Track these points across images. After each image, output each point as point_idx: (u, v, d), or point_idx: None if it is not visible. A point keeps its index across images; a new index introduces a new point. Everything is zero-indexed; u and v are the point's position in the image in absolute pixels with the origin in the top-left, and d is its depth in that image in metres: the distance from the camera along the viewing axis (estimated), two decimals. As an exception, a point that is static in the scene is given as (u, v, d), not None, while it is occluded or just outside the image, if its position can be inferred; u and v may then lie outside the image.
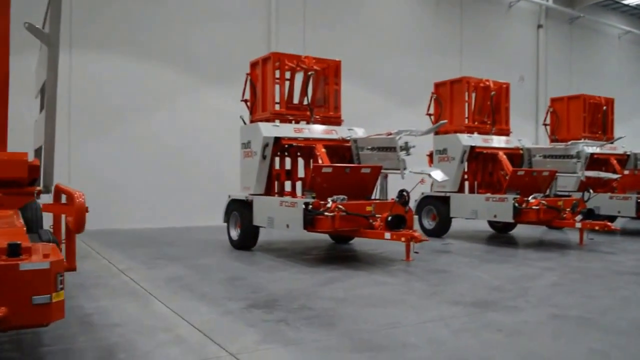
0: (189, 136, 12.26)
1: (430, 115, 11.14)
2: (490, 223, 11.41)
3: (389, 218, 7.01)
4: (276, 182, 8.83)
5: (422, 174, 7.88)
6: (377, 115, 14.42)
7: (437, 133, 11.00)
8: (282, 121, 8.67)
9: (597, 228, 8.85)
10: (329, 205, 7.13)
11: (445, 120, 7.36)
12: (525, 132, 16.58)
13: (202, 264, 7.45)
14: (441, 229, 10.45)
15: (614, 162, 11.94)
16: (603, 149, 12.03)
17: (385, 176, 8.26)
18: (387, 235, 6.97)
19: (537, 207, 8.93)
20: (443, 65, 14.87)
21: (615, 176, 10.28)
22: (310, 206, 7.16)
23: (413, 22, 16.01)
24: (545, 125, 13.00)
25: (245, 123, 8.84)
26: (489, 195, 9.63)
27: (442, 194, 10.36)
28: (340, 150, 8.91)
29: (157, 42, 12.17)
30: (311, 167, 8.22)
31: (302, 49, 13.08)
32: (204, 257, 7.99)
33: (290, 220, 7.37)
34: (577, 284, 6.27)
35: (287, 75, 8.83)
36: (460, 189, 10.51)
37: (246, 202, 8.44)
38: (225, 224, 9.00)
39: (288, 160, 9.03)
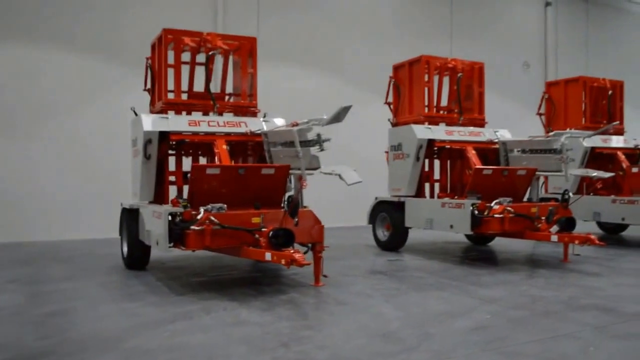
0: (124, 136, 10.84)
1: (389, 104, 9.37)
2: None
3: (270, 233, 5.36)
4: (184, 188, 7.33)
5: (332, 175, 6.18)
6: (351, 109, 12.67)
7: (395, 125, 9.25)
8: (177, 112, 7.15)
9: (576, 242, 6.88)
10: (199, 216, 5.55)
11: (351, 105, 5.62)
12: (532, 124, 14.38)
13: (56, 289, 5.98)
14: (396, 241, 8.65)
15: (622, 157, 9.80)
16: (607, 142, 9.93)
17: (300, 178, 6.58)
18: (268, 255, 5.32)
19: (500, 216, 7.06)
20: (429, 53, 12.90)
21: (606, 175, 8.20)
22: (179, 217, 5.62)
23: (392, 3, 14.14)
24: (540, 114, 10.95)
25: (136, 115, 7.34)
26: (445, 200, 7.80)
27: (396, 199, 8.57)
28: (257, 148, 7.30)
29: (88, 32, 10.87)
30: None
31: (256, 34, 11.53)
32: (75, 279, 6.55)
33: (158, 236, 5.83)
34: (510, 328, 4.44)
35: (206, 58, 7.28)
36: (421, 193, 8.68)
37: (132, 211, 6.96)
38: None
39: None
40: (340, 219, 11.92)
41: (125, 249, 7.24)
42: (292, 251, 5.11)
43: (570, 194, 7.34)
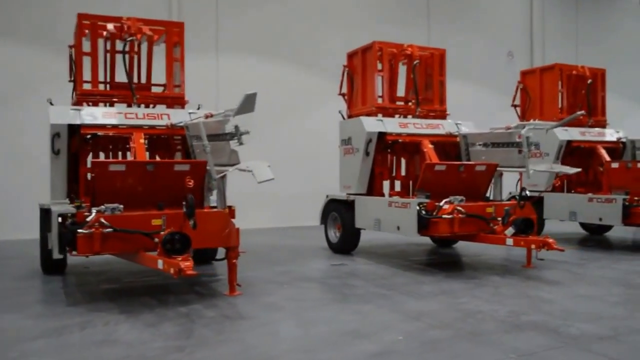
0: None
1: (343, 95, 8.68)
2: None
3: (164, 238, 4.73)
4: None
5: (245, 171, 5.53)
6: (321, 102, 12.02)
7: (349, 117, 8.57)
8: (95, 104, 6.55)
9: (533, 247, 6.17)
10: (90, 217, 4.94)
11: (255, 92, 4.96)
12: (515, 117, 13.59)
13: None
14: (346, 243, 7.98)
15: (602, 152, 9.03)
16: (586, 135, 9.17)
17: (223, 175, 5.95)
18: (160, 263, 4.71)
19: (450, 216, 6.36)
20: (405, 41, 12.19)
21: (572, 170, 7.43)
22: (71, 219, 5.03)
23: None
24: (514, 106, 10.18)
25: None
26: (392, 199, 7.11)
27: (346, 198, 7.89)
28: (185, 142, 6.67)
29: (33, 21, 10.25)
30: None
31: (215, 23, 10.90)
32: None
33: (52, 239, 5.24)
34: (417, 354, 3.77)
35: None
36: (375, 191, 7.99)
37: (44, 211, 6.37)
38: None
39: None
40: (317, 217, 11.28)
41: (40, 251, 6.67)
42: (180, 259, 4.50)
43: (527, 192, 6.61)
